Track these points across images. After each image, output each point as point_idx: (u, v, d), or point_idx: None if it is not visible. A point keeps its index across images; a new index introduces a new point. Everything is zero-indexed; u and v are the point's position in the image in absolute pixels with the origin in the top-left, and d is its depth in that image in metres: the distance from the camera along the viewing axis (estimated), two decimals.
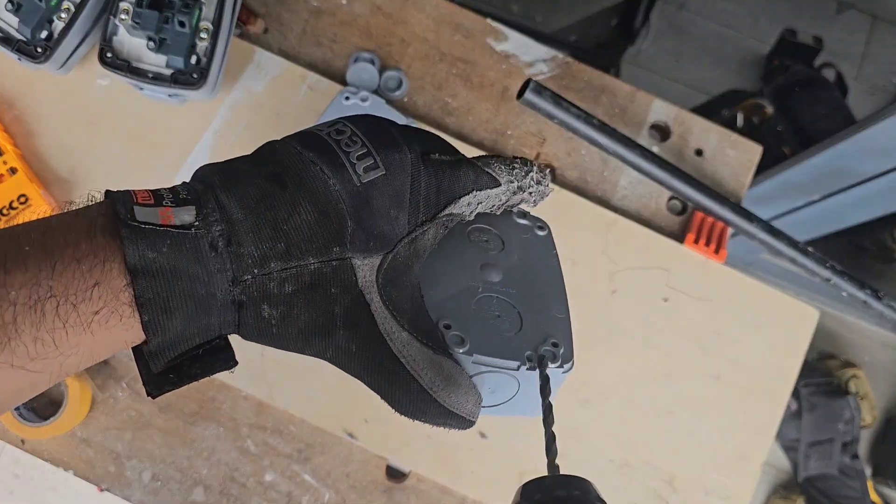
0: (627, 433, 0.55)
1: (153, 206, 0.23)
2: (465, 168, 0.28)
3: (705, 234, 0.57)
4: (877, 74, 1.46)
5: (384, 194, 0.25)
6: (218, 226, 0.23)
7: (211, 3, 0.52)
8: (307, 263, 0.24)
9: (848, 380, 1.42)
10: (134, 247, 0.22)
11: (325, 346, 0.26)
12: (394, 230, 0.26)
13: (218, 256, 0.23)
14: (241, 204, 0.24)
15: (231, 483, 0.53)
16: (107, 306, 0.22)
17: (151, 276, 0.22)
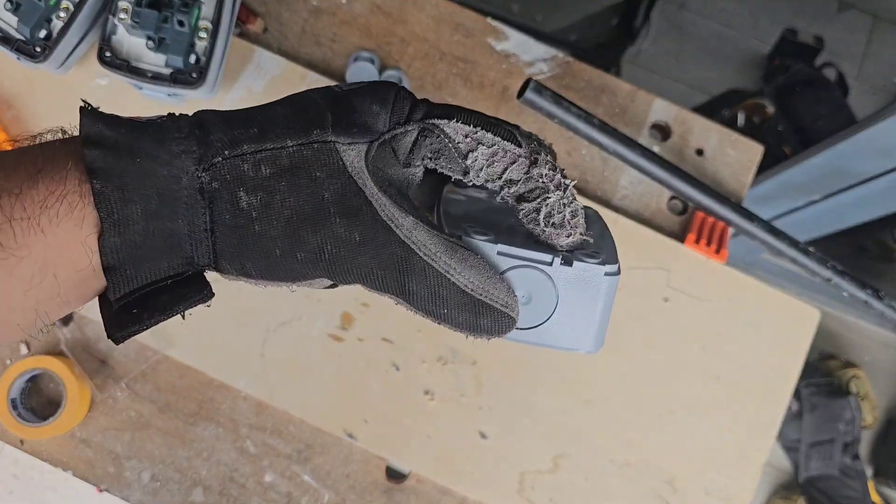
0: (628, 433, 0.55)
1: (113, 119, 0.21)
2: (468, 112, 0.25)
3: (706, 234, 0.57)
4: (878, 74, 1.46)
5: (365, 96, 0.24)
6: (185, 119, 0.22)
7: (210, 3, 0.51)
8: (284, 146, 0.22)
9: (849, 380, 1.42)
10: (89, 122, 0.20)
11: (321, 238, 0.22)
12: (376, 122, 0.24)
13: (183, 140, 0.21)
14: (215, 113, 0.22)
15: (230, 483, 0.53)
16: (53, 193, 0.19)
17: (106, 148, 0.20)
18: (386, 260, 0.23)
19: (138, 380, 0.54)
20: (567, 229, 0.26)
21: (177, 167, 0.21)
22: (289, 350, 0.54)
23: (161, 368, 0.54)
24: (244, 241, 0.22)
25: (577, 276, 0.26)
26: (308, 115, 0.23)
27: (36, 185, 0.19)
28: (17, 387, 0.52)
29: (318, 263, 0.23)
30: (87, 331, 0.54)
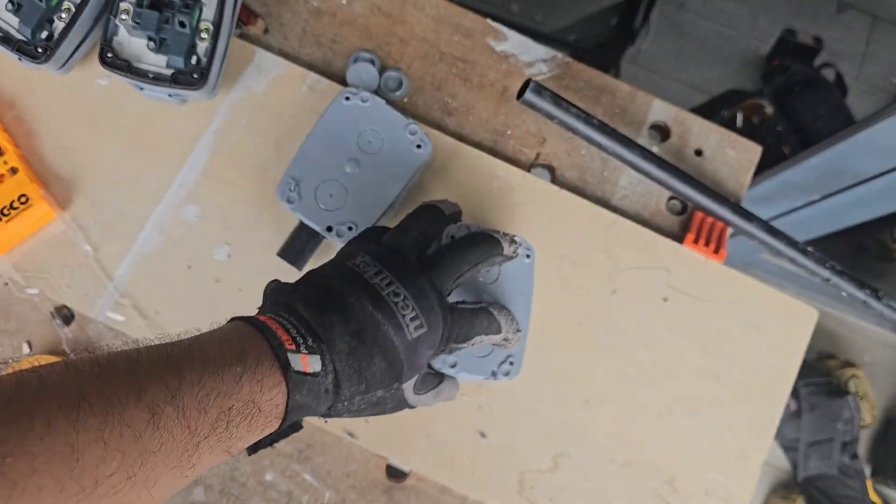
0: (627, 433, 0.55)
1: (296, 352, 0.33)
2: (481, 316, 0.41)
3: (705, 234, 0.57)
4: (877, 74, 1.46)
5: (425, 343, 0.38)
6: (330, 375, 0.35)
7: (211, 4, 0.52)
8: (376, 393, 0.37)
9: (848, 380, 1.42)
10: (293, 394, 0.33)
11: (375, 415, 0.40)
12: (425, 360, 0.39)
13: (328, 396, 0.35)
14: (340, 358, 0.35)
15: (231, 482, 0.53)
16: (269, 425, 0.33)
17: (294, 412, 0.33)
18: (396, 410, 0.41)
19: None
20: None
21: (319, 411, 0.36)
22: None
23: None
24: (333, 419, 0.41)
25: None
26: (393, 372, 0.37)
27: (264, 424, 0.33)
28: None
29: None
30: (89, 330, 0.54)
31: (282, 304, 0.37)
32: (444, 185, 0.57)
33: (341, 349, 0.35)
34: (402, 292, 0.37)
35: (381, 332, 0.36)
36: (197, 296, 0.54)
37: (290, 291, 0.37)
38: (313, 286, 0.37)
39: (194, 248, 0.55)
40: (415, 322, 0.37)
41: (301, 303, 0.36)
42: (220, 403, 0.30)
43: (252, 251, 0.55)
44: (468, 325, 0.40)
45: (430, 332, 0.37)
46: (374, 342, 0.36)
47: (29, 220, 0.52)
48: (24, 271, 0.53)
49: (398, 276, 0.38)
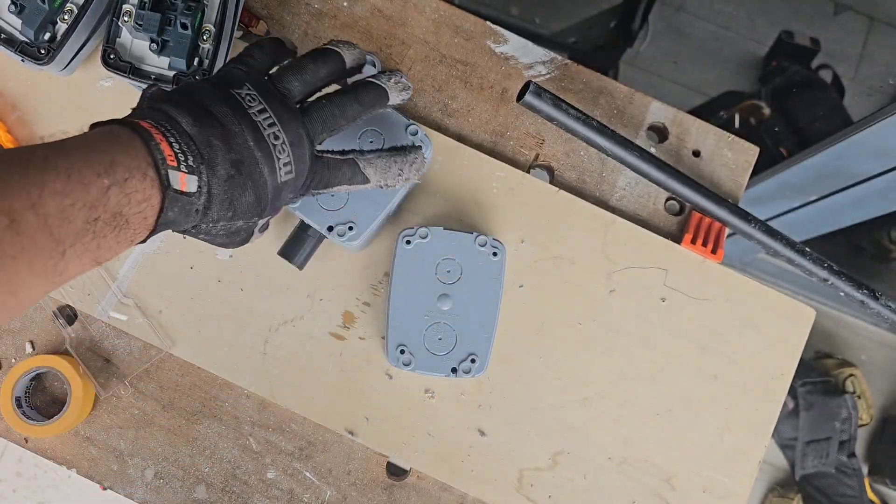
0: (626, 432, 0.56)
1: (176, 169, 0.34)
2: (345, 168, 0.43)
3: (703, 235, 0.58)
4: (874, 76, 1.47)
5: (289, 188, 0.40)
6: (204, 197, 0.36)
7: (213, 6, 0.52)
8: (237, 223, 0.39)
9: (845, 379, 1.42)
10: (166, 210, 0.34)
11: (219, 246, 0.41)
12: (286, 202, 0.41)
13: (196, 216, 0.36)
14: (217, 183, 0.36)
15: (233, 481, 0.54)
16: (137, 237, 0.34)
17: (163, 226, 0.35)
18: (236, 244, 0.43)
19: (142, 378, 0.55)
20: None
21: (184, 226, 0.37)
22: (291, 348, 0.54)
23: (164, 367, 0.55)
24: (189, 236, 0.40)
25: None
26: (258, 207, 0.38)
27: (139, 226, 0.34)
28: (22, 385, 0.52)
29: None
30: (91, 330, 0.55)
31: (162, 113, 0.35)
32: (444, 186, 0.57)
33: (220, 175, 0.36)
34: (281, 136, 0.38)
35: (258, 168, 0.37)
36: (199, 296, 0.54)
37: (174, 102, 0.36)
38: (197, 103, 0.36)
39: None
40: (286, 167, 0.38)
41: (186, 117, 0.35)
42: (85, 214, 0.30)
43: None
44: (330, 175, 0.42)
45: (296, 179, 0.39)
46: (249, 175, 0.37)
47: None
48: None
49: (280, 120, 0.38)
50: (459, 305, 0.51)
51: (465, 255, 0.52)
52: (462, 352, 0.50)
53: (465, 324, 0.51)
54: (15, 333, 0.54)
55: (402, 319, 0.51)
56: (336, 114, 0.42)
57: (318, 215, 0.51)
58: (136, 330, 0.54)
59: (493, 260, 0.52)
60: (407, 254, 0.51)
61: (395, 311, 0.51)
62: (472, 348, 0.51)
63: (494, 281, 0.51)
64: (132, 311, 0.54)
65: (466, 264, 0.52)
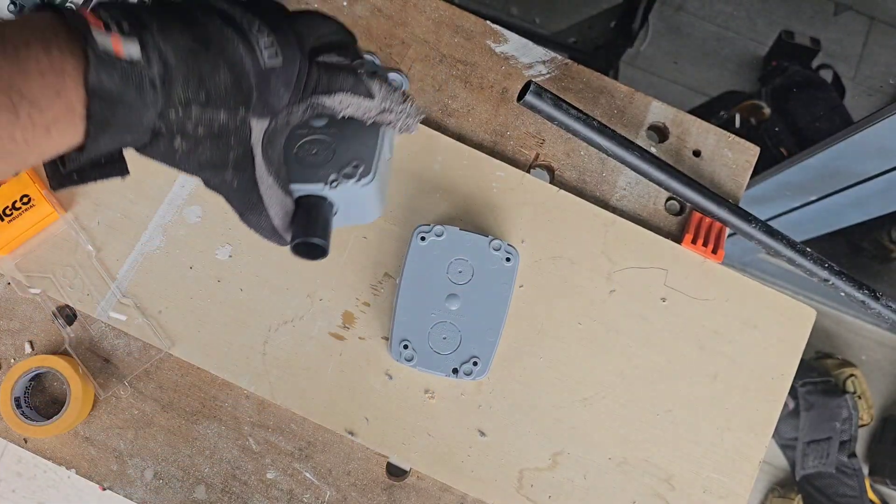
0: (626, 432, 0.56)
1: (104, 33, 0.27)
2: (345, 74, 0.36)
3: (703, 235, 0.58)
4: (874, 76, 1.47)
5: (280, 78, 0.33)
6: (157, 65, 0.28)
7: None
8: (219, 116, 0.31)
9: (846, 379, 1.42)
10: (96, 72, 0.26)
11: (214, 177, 0.34)
12: (280, 103, 0.33)
13: (154, 92, 0.28)
14: (175, 52, 0.29)
15: (233, 481, 0.54)
16: (64, 116, 0.27)
17: (103, 100, 0.27)
18: (245, 200, 0.35)
19: (141, 378, 0.54)
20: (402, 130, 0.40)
21: (143, 115, 0.29)
22: (290, 349, 0.54)
23: (164, 367, 0.55)
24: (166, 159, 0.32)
25: (345, 192, 0.39)
26: (241, 92, 0.31)
27: (54, 106, 0.26)
28: (21, 385, 0.52)
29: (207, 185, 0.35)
30: (91, 330, 0.55)
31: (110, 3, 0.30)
32: (444, 186, 0.57)
33: (180, 45, 0.29)
34: (256, 21, 0.32)
35: (230, 46, 0.31)
36: (199, 296, 0.54)
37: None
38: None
39: (196, 249, 0.55)
40: (269, 50, 0.32)
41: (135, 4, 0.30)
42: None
43: (253, 251, 0.55)
44: (330, 80, 0.35)
45: (286, 67, 0.33)
46: (220, 53, 0.30)
47: (31, 221, 0.52)
48: (26, 271, 0.54)
49: (255, 12, 0.33)
50: (467, 307, 0.51)
51: (478, 257, 0.52)
52: (465, 353, 0.50)
53: (472, 326, 0.51)
54: (14, 333, 0.54)
55: (409, 315, 0.51)
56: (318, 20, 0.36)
57: (312, 175, 0.41)
58: (136, 330, 0.54)
59: (505, 265, 0.51)
60: (420, 250, 0.51)
61: (403, 307, 0.51)
62: (476, 351, 0.50)
63: (505, 286, 0.51)
64: (132, 311, 0.54)
65: (479, 267, 0.52)
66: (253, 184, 0.34)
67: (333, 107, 0.36)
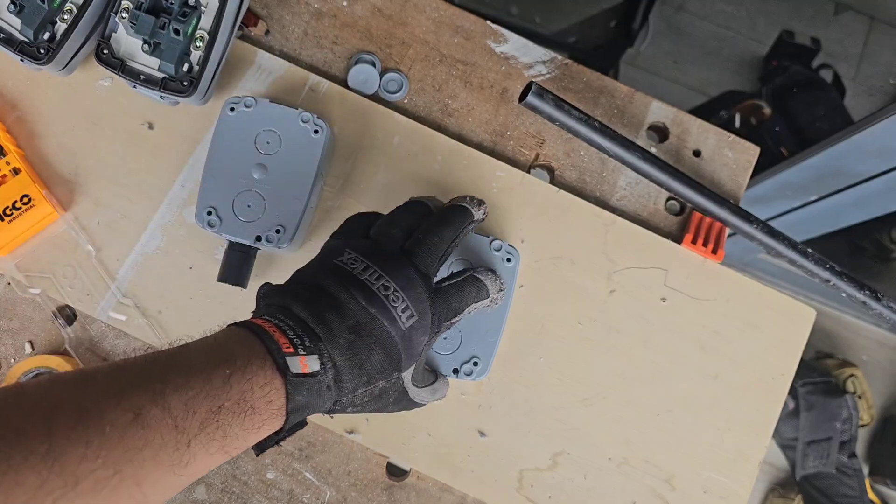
0: (626, 432, 0.56)
1: (293, 354, 0.35)
2: (466, 287, 0.43)
3: (703, 234, 0.58)
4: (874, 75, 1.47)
5: (418, 331, 0.39)
6: (331, 371, 0.36)
7: (210, 13, 0.52)
8: (378, 385, 0.38)
9: (846, 379, 1.42)
10: (293, 396, 0.34)
11: (377, 410, 0.41)
12: (421, 348, 0.40)
13: (330, 392, 0.36)
14: (339, 352, 0.36)
15: (233, 481, 0.54)
16: (270, 418, 0.34)
17: (297, 412, 0.35)
18: (400, 406, 0.43)
19: None
20: None
21: (324, 407, 0.37)
22: None
23: None
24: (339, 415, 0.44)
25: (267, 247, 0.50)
26: (393, 362, 0.38)
27: (263, 421, 0.34)
28: None
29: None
30: (91, 330, 0.55)
31: (276, 307, 0.38)
32: (444, 186, 0.57)
33: (340, 345, 0.36)
34: (391, 285, 0.38)
35: (377, 325, 0.37)
36: (199, 296, 0.54)
37: (284, 292, 0.38)
38: (306, 286, 0.38)
39: (196, 249, 0.55)
40: (406, 313, 0.38)
41: (296, 303, 0.37)
42: (208, 403, 0.31)
43: None
44: (457, 301, 0.42)
45: (421, 319, 0.39)
46: (370, 335, 0.37)
47: (31, 221, 0.52)
48: (26, 271, 0.54)
49: (386, 270, 0.39)
50: (273, 175, 0.52)
51: (286, 128, 0.52)
52: (465, 353, 0.50)
53: (472, 328, 0.50)
54: (14, 333, 0.54)
55: (213, 182, 0.51)
56: (436, 241, 0.42)
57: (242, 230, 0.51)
58: (136, 330, 0.54)
59: (506, 266, 0.51)
60: (230, 120, 0.52)
61: (210, 173, 0.51)
62: (476, 351, 0.50)
63: (506, 286, 0.51)
64: (132, 311, 0.54)
65: (287, 138, 0.52)
66: (409, 401, 0.42)
67: (461, 320, 0.43)
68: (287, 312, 0.37)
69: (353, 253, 0.40)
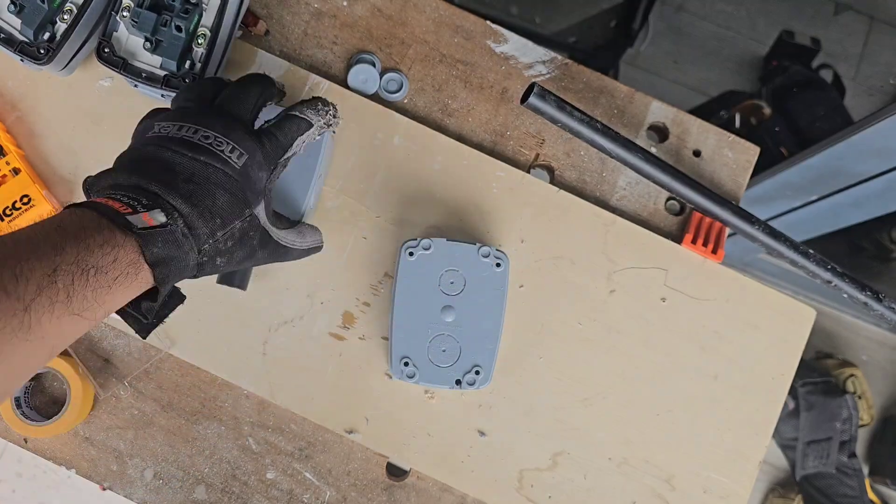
0: (626, 432, 0.56)
1: (133, 213, 0.35)
2: (286, 123, 0.43)
3: (703, 234, 0.58)
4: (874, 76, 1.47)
5: (253, 167, 0.40)
6: (179, 220, 0.36)
7: (211, 10, 0.52)
8: (235, 225, 0.39)
9: (846, 379, 1.42)
10: (148, 247, 0.35)
11: (250, 262, 0.42)
12: (263, 182, 0.42)
13: (187, 241, 0.37)
14: (183, 201, 0.37)
15: (233, 481, 0.54)
16: (123, 277, 0.34)
17: (160, 265, 0.35)
18: (275, 257, 0.44)
19: (141, 378, 0.54)
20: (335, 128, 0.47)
21: (189, 259, 0.37)
22: (290, 349, 0.54)
23: (164, 367, 0.55)
24: (213, 273, 0.40)
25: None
26: (240, 200, 0.39)
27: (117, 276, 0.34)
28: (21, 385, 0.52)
29: (243, 265, 0.43)
30: (91, 329, 0.55)
31: (105, 188, 0.38)
32: (444, 186, 0.57)
33: (182, 195, 0.37)
34: (210, 134, 0.39)
35: (211, 170, 0.38)
36: (199, 296, 0.54)
37: (108, 173, 0.38)
38: (130, 159, 0.39)
39: None
40: (235, 153, 0.40)
41: (122, 174, 0.38)
42: (42, 268, 0.31)
43: None
44: (281, 137, 0.43)
45: (252, 156, 0.40)
46: (207, 181, 0.38)
47: (31, 221, 0.52)
48: None
49: (201, 123, 0.40)
50: (463, 317, 0.51)
51: (468, 266, 0.51)
52: (466, 363, 0.50)
53: (469, 335, 0.51)
54: None
55: (406, 331, 0.50)
56: (240, 94, 0.43)
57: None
58: None
59: (496, 271, 0.51)
60: (410, 265, 0.51)
61: (399, 323, 0.50)
62: (477, 360, 0.50)
63: (498, 292, 0.51)
64: None
65: (470, 276, 0.51)
66: (276, 245, 0.43)
67: (296, 152, 0.44)
68: (117, 187, 0.37)
69: (162, 122, 0.40)
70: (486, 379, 0.50)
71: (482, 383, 0.50)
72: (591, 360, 0.56)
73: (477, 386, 0.50)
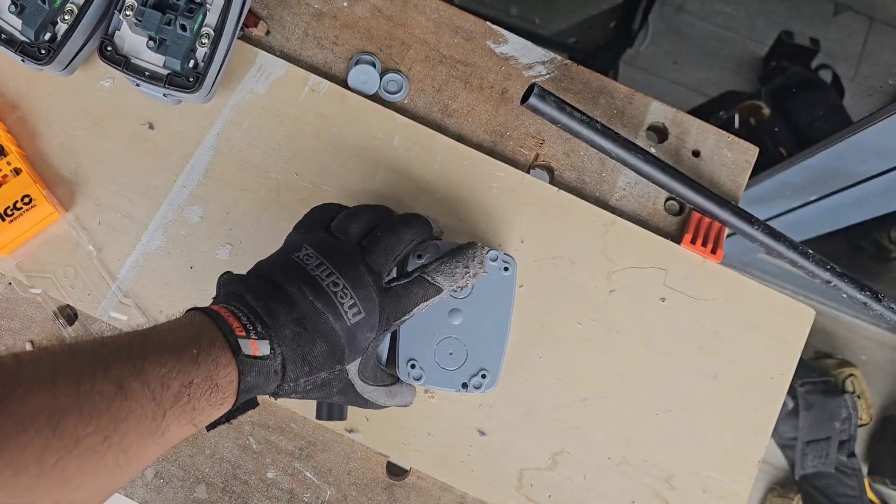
0: (626, 432, 0.56)
1: (245, 337, 0.37)
2: (415, 288, 0.45)
3: (702, 235, 0.58)
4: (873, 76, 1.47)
5: (363, 328, 0.42)
6: (277, 358, 0.39)
7: (215, 10, 0.52)
8: (321, 376, 0.41)
9: (845, 378, 1.43)
10: (244, 376, 0.37)
11: (326, 399, 0.44)
12: (367, 343, 0.43)
13: (276, 376, 0.39)
14: (286, 343, 0.39)
15: (233, 480, 0.54)
16: (226, 401, 0.37)
17: (246, 392, 0.38)
18: (351, 400, 0.45)
19: None
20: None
21: (269, 391, 0.40)
22: None
23: None
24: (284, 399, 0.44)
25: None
26: (336, 355, 0.41)
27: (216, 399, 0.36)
28: None
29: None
30: (92, 330, 0.55)
31: (233, 295, 0.41)
32: (443, 186, 0.57)
33: (286, 335, 0.39)
34: (340, 282, 0.41)
35: (322, 319, 0.40)
36: (200, 296, 0.54)
37: (241, 282, 0.41)
38: (261, 278, 0.41)
39: (197, 249, 0.55)
40: (353, 309, 0.41)
41: (250, 294, 0.40)
42: (181, 379, 0.34)
43: (254, 251, 0.55)
44: (405, 300, 0.44)
45: (368, 317, 0.42)
46: (315, 329, 0.40)
47: (32, 221, 0.52)
48: (27, 271, 0.54)
49: (337, 267, 0.41)
50: (470, 320, 0.51)
51: None
52: (473, 367, 0.50)
53: (476, 339, 0.50)
54: (15, 333, 0.54)
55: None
56: (392, 241, 0.44)
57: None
58: None
59: (504, 275, 0.51)
60: None
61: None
62: (483, 363, 0.50)
63: (505, 296, 0.51)
64: (132, 311, 0.54)
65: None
66: (357, 396, 0.44)
67: (414, 314, 0.45)
68: (241, 301, 0.40)
69: (309, 249, 0.42)
70: (492, 382, 0.50)
71: (488, 387, 0.50)
72: (590, 359, 0.56)
73: (483, 389, 0.50)
